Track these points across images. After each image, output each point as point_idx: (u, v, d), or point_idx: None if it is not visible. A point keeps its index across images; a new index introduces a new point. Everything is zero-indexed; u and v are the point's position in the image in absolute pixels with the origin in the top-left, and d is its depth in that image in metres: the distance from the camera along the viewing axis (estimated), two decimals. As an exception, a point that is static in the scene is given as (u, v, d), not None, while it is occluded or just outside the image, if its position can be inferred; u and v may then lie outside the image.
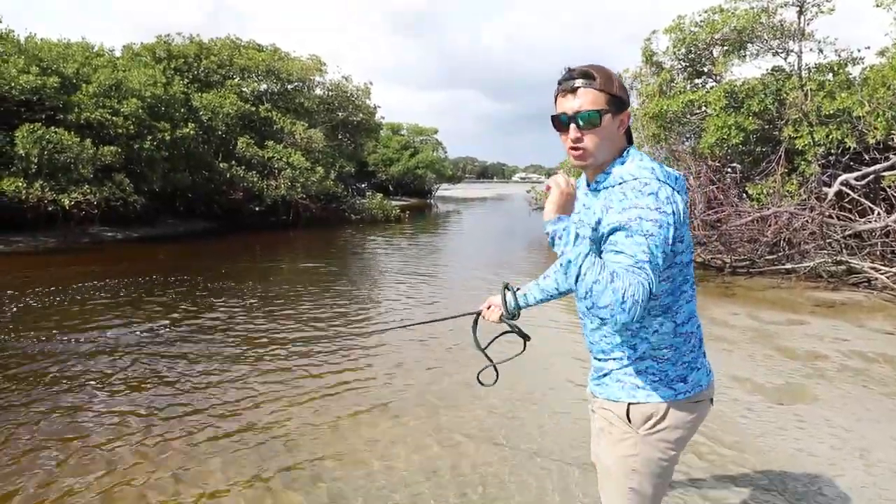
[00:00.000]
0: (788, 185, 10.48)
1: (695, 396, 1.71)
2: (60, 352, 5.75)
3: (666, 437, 1.69)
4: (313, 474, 3.40)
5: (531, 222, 21.08)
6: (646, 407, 1.69)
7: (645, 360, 1.70)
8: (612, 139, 1.66)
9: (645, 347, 1.69)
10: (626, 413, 1.71)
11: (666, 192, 1.54)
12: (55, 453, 3.66)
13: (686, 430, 1.72)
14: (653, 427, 1.69)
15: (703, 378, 1.73)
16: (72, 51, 17.21)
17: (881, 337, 6.33)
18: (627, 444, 1.72)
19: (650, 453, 1.70)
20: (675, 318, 1.68)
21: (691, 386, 1.70)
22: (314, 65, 25.42)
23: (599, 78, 1.63)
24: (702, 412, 1.75)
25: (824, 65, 11.23)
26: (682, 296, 1.68)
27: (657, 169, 1.60)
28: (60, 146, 14.17)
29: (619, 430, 1.73)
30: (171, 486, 3.29)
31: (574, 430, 3.95)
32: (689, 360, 1.71)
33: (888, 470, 3.38)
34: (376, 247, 16.59)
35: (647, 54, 13.16)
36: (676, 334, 1.68)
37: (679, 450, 1.74)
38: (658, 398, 1.68)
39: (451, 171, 57.17)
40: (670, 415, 1.68)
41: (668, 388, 1.68)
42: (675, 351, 1.69)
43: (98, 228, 16.52)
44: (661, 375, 1.69)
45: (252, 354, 5.77)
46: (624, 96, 1.66)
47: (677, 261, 1.63)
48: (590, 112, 1.61)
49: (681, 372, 1.69)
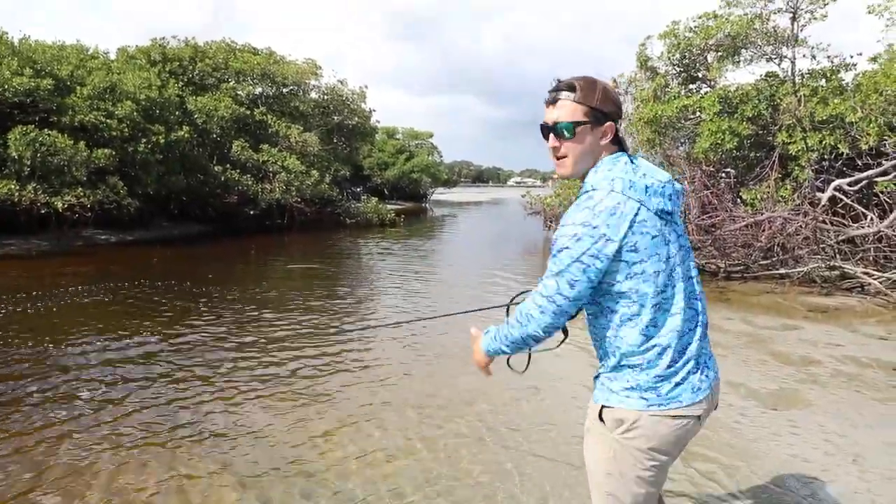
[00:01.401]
0: (782, 191, 10.52)
1: (671, 410, 1.65)
2: (49, 357, 5.71)
3: (639, 446, 1.67)
4: (306, 478, 3.38)
5: (526, 226, 21.09)
6: (616, 412, 1.69)
7: (621, 366, 1.69)
8: (590, 150, 1.71)
9: (618, 354, 1.69)
10: (599, 414, 1.72)
11: (609, 202, 1.57)
12: (40, 458, 3.62)
13: (662, 444, 1.67)
14: (624, 433, 1.67)
15: (683, 394, 1.66)
16: (66, 53, 17.16)
17: (874, 342, 6.35)
18: (604, 446, 1.72)
19: (624, 459, 1.69)
20: (643, 329, 1.65)
21: (665, 399, 1.65)
22: (309, 68, 25.41)
23: (580, 90, 1.69)
24: (682, 429, 1.67)
25: (817, 71, 11.30)
26: (655, 307, 1.64)
27: (618, 179, 1.61)
28: (54, 149, 14.11)
29: (597, 431, 1.75)
30: (159, 488, 3.26)
31: (571, 428, 3.94)
32: (665, 373, 1.65)
33: (881, 475, 3.38)
34: (371, 251, 16.57)
35: (642, 59, 13.21)
36: (644, 344, 1.65)
37: (658, 464, 1.69)
38: (627, 406, 1.67)
39: (447, 176, 57.14)
40: (641, 424, 1.65)
41: (639, 397, 1.66)
42: (645, 361, 1.65)
43: (92, 231, 16.44)
44: (633, 383, 1.67)
45: (244, 359, 5.74)
46: (607, 108, 1.70)
47: (635, 270, 1.60)
48: (565, 123, 1.70)
49: (653, 383, 1.65)
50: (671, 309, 1.66)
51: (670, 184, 1.69)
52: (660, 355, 1.65)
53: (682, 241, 1.72)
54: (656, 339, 1.65)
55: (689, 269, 1.72)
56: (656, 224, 1.61)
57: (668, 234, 1.65)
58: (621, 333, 1.67)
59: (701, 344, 1.72)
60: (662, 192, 1.64)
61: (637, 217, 1.58)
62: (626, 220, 1.57)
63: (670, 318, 1.66)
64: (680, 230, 1.72)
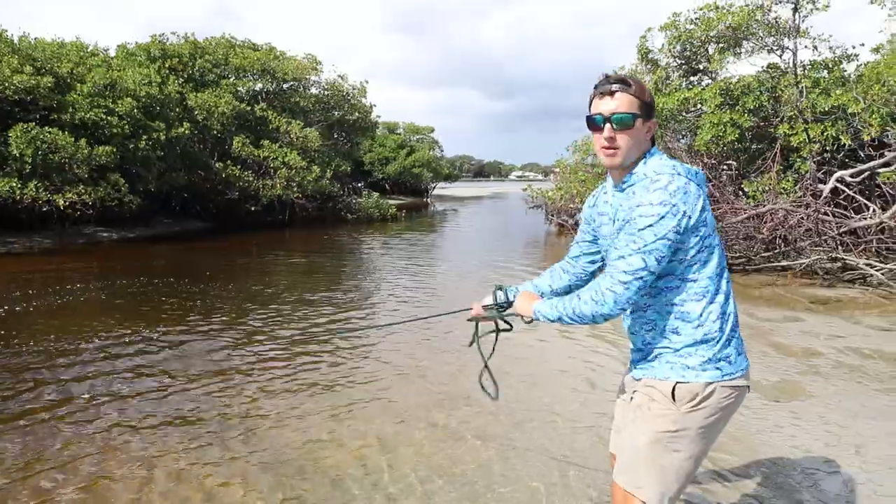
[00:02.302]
0: (784, 183, 10.50)
1: (737, 380, 1.80)
2: (50, 355, 5.73)
3: (705, 416, 1.78)
4: (309, 476, 3.39)
5: (527, 221, 21.08)
6: (693, 386, 1.78)
7: (698, 340, 1.79)
8: (640, 142, 1.84)
9: (689, 330, 1.80)
10: (672, 391, 1.80)
11: (678, 182, 1.72)
12: (41, 456, 3.64)
13: (723, 413, 1.81)
14: (696, 406, 1.77)
15: (743, 361, 1.84)
16: (66, 50, 17.13)
17: (876, 333, 6.35)
18: (666, 420, 1.80)
19: (687, 433, 1.78)
20: (716, 299, 1.79)
21: (735, 367, 1.80)
22: (310, 64, 25.37)
23: (635, 85, 1.83)
24: (739, 398, 1.83)
25: (819, 62, 11.26)
26: (718, 277, 1.79)
27: (677, 165, 1.79)
28: (55, 146, 14.12)
29: (659, 407, 1.82)
30: (167, 485, 3.27)
31: (574, 427, 3.94)
32: (731, 339, 1.80)
33: (883, 465, 3.39)
34: (373, 246, 16.58)
35: (643, 52, 13.17)
36: (716, 315, 1.79)
37: (712, 436, 1.82)
38: (705, 378, 1.77)
39: (448, 170, 57.12)
40: (713, 396, 1.77)
41: (714, 368, 1.78)
42: (717, 331, 1.78)
43: (93, 229, 16.47)
44: (710, 354, 1.78)
45: (246, 356, 5.76)
46: (654, 105, 1.88)
47: (706, 244, 1.77)
48: (624, 114, 1.81)
49: (725, 352, 1.79)
50: (728, 278, 1.84)
51: (701, 172, 1.87)
52: (728, 323, 1.80)
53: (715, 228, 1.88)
54: (726, 307, 1.81)
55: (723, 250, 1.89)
56: (707, 205, 1.78)
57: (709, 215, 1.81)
58: (696, 307, 1.79)
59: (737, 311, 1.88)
60: (701, 180, 1.82)
61: (702, 195, 1.76)
62: (696, 198, 1.73)
63: (728, 286, 1.83)
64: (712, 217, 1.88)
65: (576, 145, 16.74)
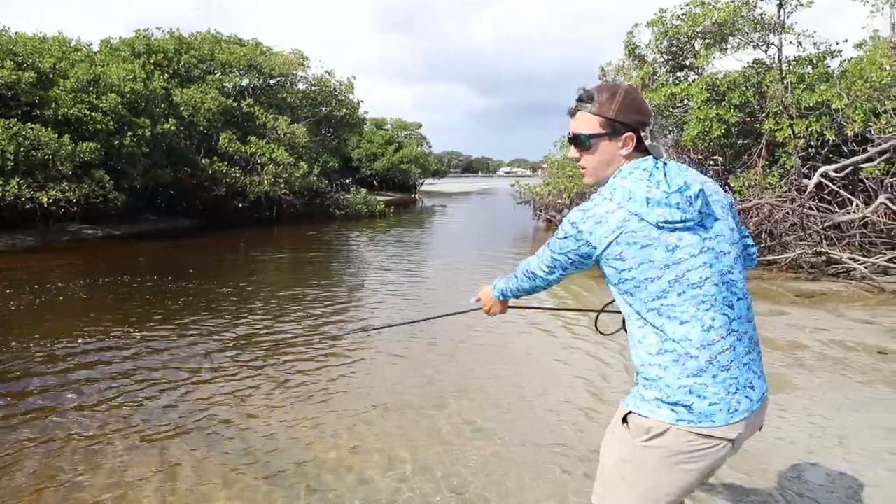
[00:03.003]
0: (769, 178, 10.59)
1: (702, 429, 1.58)
2: (33, 355, 5.67)
3: (662, 456, 1.62)
4: (304, 476, 3.38)
5: (516, 216, 21.11)
6: (644, 420, 1.64)
7: (646, 373, 1.65)
8: (608, 161, 1.72)
9: (642, 359, 1.67)
10: (625, 417, 1.69)
11: (600, 209, 1.63)
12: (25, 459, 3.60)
13: (689, 460, 1.60)
14: (649, 441, 1.63)
15: (715, 413, 1.58)
16: (48, 45, 16.87)
17: (860, 326, 6.43)
18: (622, 447, 1.70)
19: (642, 468, 1.65)
20: (665, 336, 1.61)
21: (696, 416, 1.58)
22: (296, 59, 25.19)
23: (597, 101, 1.70)
24: (712, 450, 1.60)
25: (804, 58, 11.36)
26: (670, 316, 1.60)
27: (619, 189, 1.63)
28: (37, 142, 13.91)
29: (618, 432, 1.72)
30: (156, 486, 3.25)
31: (572, 424, 3.96)
32: (688, 385, 1.58)
33: (866, 457, 3.44)
34: (361, 243, 16.54)
35: (630, 47, 13.22)
36: (662, 352, 1.61)
37: (679, 483, 1.63)
38: (657, 416, 1.62)
39: (436, 166, 57.00)
40: (669, 437, 1.60)
41: (669, 409, 1.60)
42: (665, 370, 1.61)
43: (78, 226, 16.27)
44: (660, 394, 1.62)
45: (235, 354, 5.73)
46: (626, 118, 1.68)
47: (624, 277, 1.62)
48: (581, 136, 1.74)
49: (680, 396, 1.59)
50: (680, 317, 1.60)
51: (681, 192, 1.59)
52: (684, 368, 1.59)
53: (717, 245, 1.64)
54: (682, 348, 1.59)
55: (721, 274, 1.63)
56: (650, 234, 1.58)
57: (673, 241, 1.59)
58: (639, 333, 1.68)
59: (742, 359, 1.63)
60: (668, 203, 1.58)
61: (623, 228, 1.59)
62: (610, 230, 1.60)
63: (682, 326, 1.60)
64: (710, 234, 1.63)
65: (563, 141, 16.76)
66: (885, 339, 5.91)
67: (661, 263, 1.59)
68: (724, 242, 1.66)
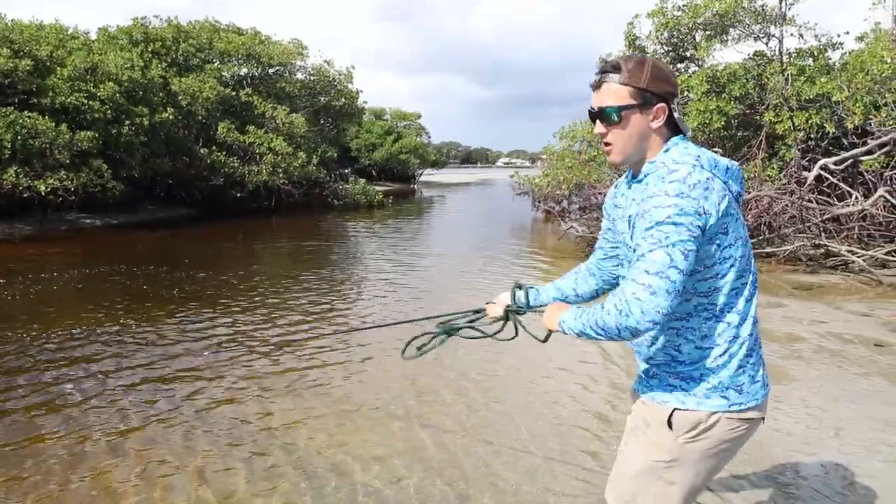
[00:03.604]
0: (769, 170, 10.59)
1: (746, 412, 1.56)
2: (28, 346, 5.67)
3: (706, 448, 1.56)
4: (295, 474, 3.40)
5: (514, 207, 21.09)
6: (693, 415, 1.55)
7: (695, 364, 1.56)
8: (640, 136, 1.58)
9: (691, 350, 1.57)
10: (669, 418, 1.58)
11: (698, 176, 1.45)
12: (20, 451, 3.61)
13: (730, 445, 1.58)
14: (695, 437, 1.55)
15: (759, 391, 1.58)
16: (45, 33, 16.77)
17: (857, 319, 6.45)
18: (661, 449, 1.59)
19: (684, 464, 1.57)
20: (727, 318, 1.54)
21: (746, 397, 1.55)
22: (295, 49, 25.07)
23: (625, 71, 1.56)
24: (751, 430, 1.60)
25: (804, 50, 11.32)
26: (735, 294, 1.54)
27: (704, 156, 1.52)
28: (35, 131, 13.86)
29: (654, 433, 1.61)
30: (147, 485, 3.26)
31: (562, 423, 3.98)
32: (744, 366, 1.55)
33: (862, 448, 3.46)
34: (360, 233, 16.53)
35: (630, 38, 13.16)
36: (727, 336, 1.54)
37: (714, 468, 1.61)
38: (708, 407, 1.54)
39: (435, 157, 56.92)
40: (717, 426, 1.55)
41: (720, 397, 1.54)
42: (726, 355, 1.54)
43: (76, 215, 16.25)
44: (716, 381, 1.54)
45: (229, 350, 5.73)
46: (658, 89, 1.55)
47: (725, 255, 1.51)
48: (609, 108, 1.57)
49: (735, 379, 1.55)
50: (750, 297, 1.57)
51: (736, 167, 1.58)
52: (742, 348, 1.55)
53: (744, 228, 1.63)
54: (741, 329, 1.55)
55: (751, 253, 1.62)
56: (736, 207, 1.52)
57: (741, 217, 1.55)
58: (702, 325, 1.55)
59: (759, 337, 1.63)
60: (738, 176, 1.54)
61: (727, 196, 1.48)
62: (719, 197, 1.46)
63: (748, 306, 1.56)
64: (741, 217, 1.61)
65: (563, 132, 16.72)
66: (883, 331, 5.93)
67: (744, 240, 1.56)
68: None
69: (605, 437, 3.63)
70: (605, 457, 3.35)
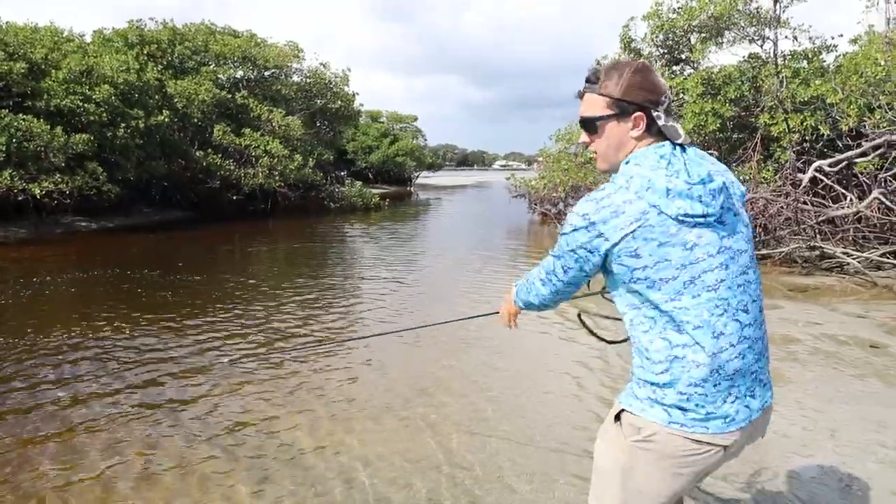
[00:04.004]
0: (764, 172, 10.63)
1: (694, 434, 1.50)
2: (20, 349, 5.64)
3: (654, 458, 1.55)
4: (297, 478, 3.39)
5: (511, 210, 21.11)
6: (636, 419, 1.57)
7: (648, 376, 1.55)
8: (618, 145, 1.59)
9: (641, 360, 1.58)
10: (617, 415, 1.62)
11: (616, 198, 1.46)
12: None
13: (683, 465, 1.53)
14: (640, 442, 1.56)
15: (709, 421, 1.50)
16: (39, 35, 16.72)
17: (852, 320, 6.47)
18: (616, 447, 1.62)
19: (636, 468, 1.57)
20: (667, 336, 1.51)
21: (690, 421, 1.50)
22: (291, 51, 25.06)
23: (602, 81, 1.58)
24: (703, 457, 1.52)
25: (799, 52, 11.38)
26: (663, 313, 1.50)
27: (637, 177, 1.48)
28: (30, 134, 13.80)
29: (613, 431, 1.64)
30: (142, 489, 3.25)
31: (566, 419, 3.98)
32: (688, 393, 1.49)
33: (857, 449, 3.46)
34: (356, 236, 16.51)
35: (626, 41, 13.20)
36: (666, 355, 1.51)
37: (671, 485, 1.56)
38: (649, 416, 1.54)
39: (431, 159, 56.88)
40: (660, 438, 1.53)
41: (663, 410, 1.52)
42: (668, 375, 1.51)
43: (71, 218, 16.18)
44: (656, 393, 1.53)
45: (228, 352, 5.72)
46: (635, 97, 1.54)
47: (638, 276, 1.48)
48: (586, 118, 1.63)
49: (678, 400, 1.50)
50: (693, 321, 1.48)
51: (704, 184, 1.47)
52: (686, 372, 1.49)
53: (734, 244, 1.52)
54: (683, 351, 1.49)
55: (736, 276, 1.52)
56: (668, 230, 1.45)
57: (692, 238, 1.46)
58: (644, 338, 1.55)
59: (750, 367, 1.54)
60: (689, 195, 1.45)
61: (643, 222, 1.44)
62: (627, 222, 1.44)
63: (694, 332, 1.48)
64: (728, 232, 1.52)
65: (559, 134, 16.77)
66: (878, 333, 5.95)
67: (678, 263, 1.46)
68: (742, 240, 1.55)
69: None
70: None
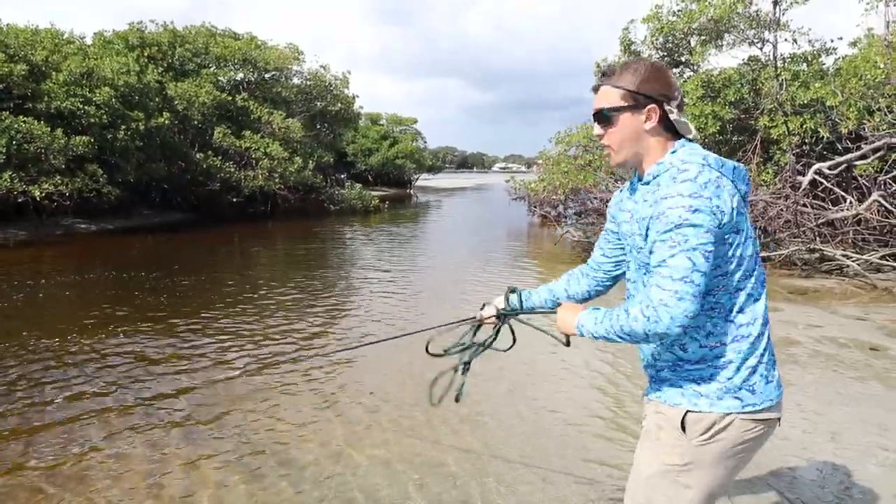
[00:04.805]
0: (764, 174, 10.64)
1: (761, 414, 1.54)
2: (17, 351, 5.64)
3: (721, 449, 1.54)
4: (300, 483, 3.38)
5: (511, 212, 21.12)
6: (707, 416, 1.53)
7: (702, 363, 1.55)
8: (633, 137, 1.62)
9: (696, 349, 1.56)
10: (682, 421, 1.56)
11: (708, 175, 1.47)
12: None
13: (747, 447, 1.56)
14: (710, 439, 1.54)
15: (773, 392, 1.56)
16: (40, 37, 16.74)
17: (852, 323, 6.47)
18: (674, 452, 1.57)
19: (699, 467, 1.55)
20: (734, 318, 1.53)
21: (760, 398, 1.53)
22: (291, 53, 25.10)
23: (620, 74, 1.62)
24: (768, 430, 1.58)
25: (799, 55, 11.39)
26: (743, 293, 1.54)
27: (710, 157, 1.55)
28: (30, 136, 13.82)
29: (667, 437, 1.59)
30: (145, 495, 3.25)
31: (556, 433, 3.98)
32: (756, 366, 1.53)
33: (858, 451, 3.46)
34: (356, 238, 16.51)
35: (626, 43, 13.21)
36: (736, 336, 1.53)
37: (732, 470, 1.58)
38: (722, 409, 1.52)
39: (431, 162, 56.95)
40: (732, 428, 1.53)
41: (733, 398, 1.53)
42: (737, 354, 1.53)
43: (71, 220, 16.19)
44: (728, 383, 1.53)
45: (227, 354, 5.72)
46: (649, 90, 1.59)
47: (735, 253, 1.51)
48: (602, 110, 1.65)
49: (747, 380, 1.53)
50: (759, 295, 1.56)
51: (742, 168, 1.62)
52: (752, 347, 1.54)
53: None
54: (748, 328, 1.54)
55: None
56: (744, 206, 1.55)
57: (748, 216, 1.57)
58: (708, 324, 1.54)
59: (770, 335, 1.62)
60: (744, 176, 1.58)
61: (735, 194, 1.51)
62: (729, 195, 1.48)
63: (758, 305, 1.56)
64: None
65: (558, 136, 16.77)
66: (878, 335, 5.95)
67: (753, 237, 1.57)
68: None
69: (612, 441, 3.63)
70: (611, 462, 3.34)
